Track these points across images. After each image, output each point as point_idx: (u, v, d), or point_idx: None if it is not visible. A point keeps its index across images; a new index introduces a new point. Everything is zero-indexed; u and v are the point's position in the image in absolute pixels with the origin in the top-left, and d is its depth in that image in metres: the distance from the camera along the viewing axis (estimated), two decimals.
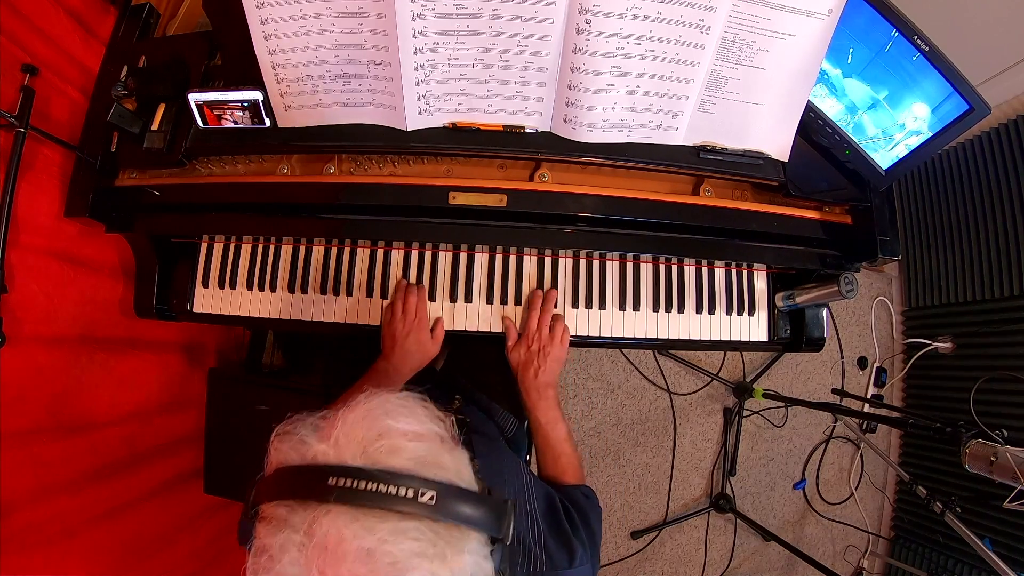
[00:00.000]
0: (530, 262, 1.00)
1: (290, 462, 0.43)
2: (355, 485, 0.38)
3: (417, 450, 0.42)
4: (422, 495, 0.39)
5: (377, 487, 0.38)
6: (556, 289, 0.98)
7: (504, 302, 0.99)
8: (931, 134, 0.84)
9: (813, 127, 0.92)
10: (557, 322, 0.93)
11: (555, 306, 0.97)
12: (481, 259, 1.00)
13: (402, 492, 0.38)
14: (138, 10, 1.02)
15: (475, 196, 0.90)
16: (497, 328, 0.98)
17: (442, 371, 1.29)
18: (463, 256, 1.00)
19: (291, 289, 1.01)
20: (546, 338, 0.92)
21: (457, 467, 0.44)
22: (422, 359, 0.92)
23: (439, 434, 0.46)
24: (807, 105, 0.86)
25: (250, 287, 1.03)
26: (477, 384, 1.09)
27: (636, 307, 1.01)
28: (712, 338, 1.03)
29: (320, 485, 0.39)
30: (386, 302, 0.98)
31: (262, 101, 0.85)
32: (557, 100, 0.84)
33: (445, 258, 1.00)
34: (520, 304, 0.99)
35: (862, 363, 2.22)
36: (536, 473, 0.93)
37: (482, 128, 0.87)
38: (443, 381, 1.14)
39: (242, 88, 0.84)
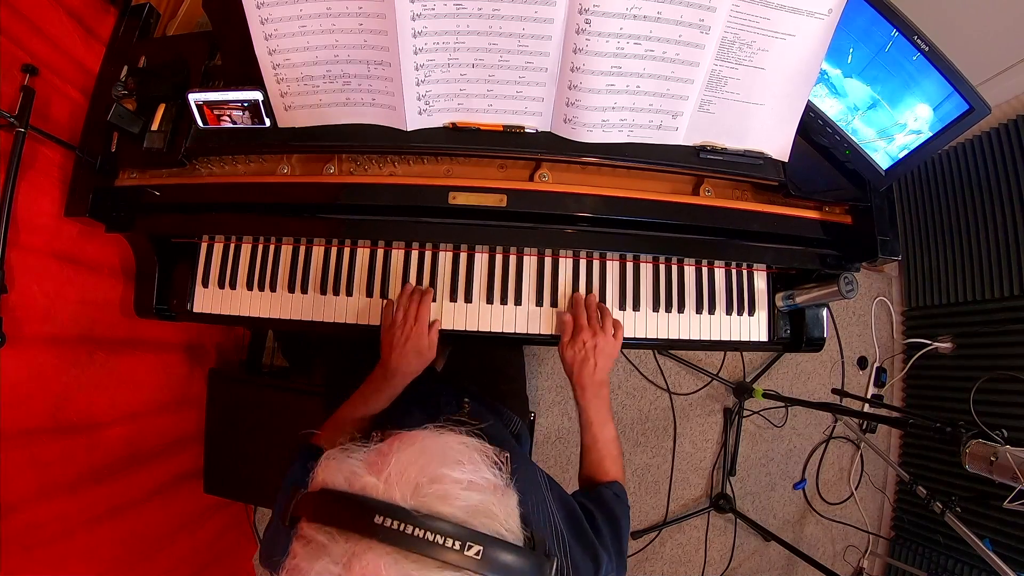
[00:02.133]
0: (530, 262, 1.00)
1: (337, 486, 0.42)
2: (401, 528, 0.38)
3: (469, 499, 0.41)
4: (468, 548, 0.38)
5: (424, 534, 0.38)
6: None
7: (504, 302, 0.99)
8: (931, 134, 0.84)
9: (813, 127, 0.92)
10: (606, 317, 0.92)
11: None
12: (481, 259, 1.00)
13: (448, 543, 0.38)
14: (138, 10, 1.02)
15: (475, 196, 0.90)
16: (497, 328, 0.98)
17: (443, 371, 1.29)
18: (463, 256, 1.00)
19: (291, 289, 1.01)
20: (600, 333, 0.90)
21: (507, 518, 0.43)
22: (419, 364, 0.91)
23: (493, 483, 0.44)
24: (807, 105, 0.86)
25: (250, 287, 1.03)
26: (479, 384, 1.09)
27: (636, 307, 1.01)
28: (712, 338, 1.02)
29: (365, 520, 0.38)
30: (385, 302, 0.98)
31: (262, 101, 0.85)
32: (557, 100, 0.84)
33: (445, 258, 1.00)
34: (520, 304, 0.99)
35: (862, 363, 2.22)
36: (578, 474, 0.91)
37: (482, 128, 0.87)
38: (445, 382, 1.14)
39: (242, 88, 0.84)
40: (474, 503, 0.42)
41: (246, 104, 0.86)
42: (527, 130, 0.87)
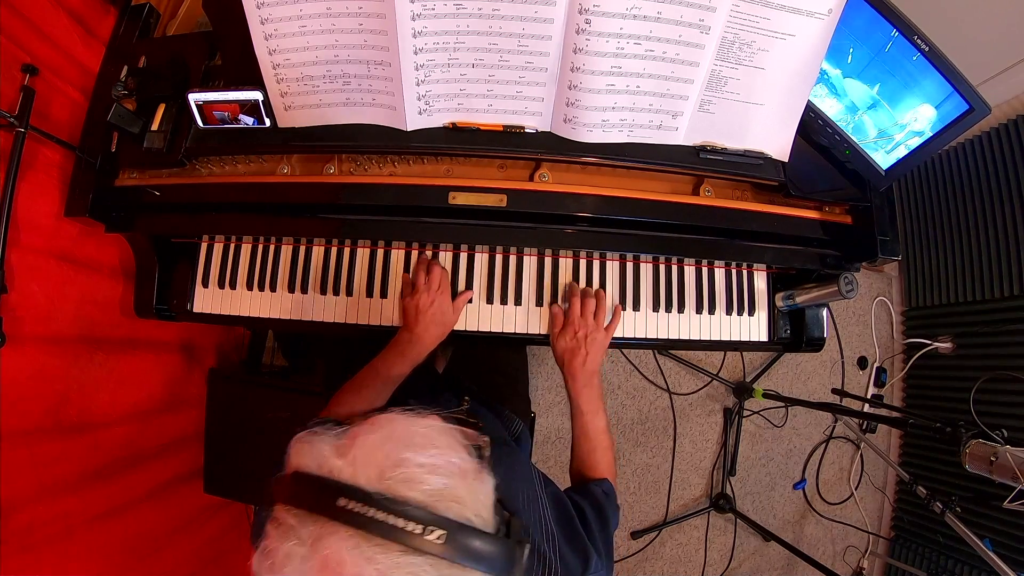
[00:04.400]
0: (530, 262, 1.00)
1: (307, 468, 0.43)
2: (363, 511, 0.38)
3: (434, 483, 0.41)
4: (430, 532, 0.38)
5: (386, 517, 0.38)
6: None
7: (504, 302, 0.99)
8: (931, 134, 0.84)
9: (813, 127, 0.92)
10: (600, 310, 0.93)
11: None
12: (481, 259, 1.00)
13: (410, 527, 0.38)
14: (138, 10, 1.02)
15: (475, 196, 0.90)
16: (497, 328, 0.98)
17: (445, 372, 1.29)
18: (463, 256, 1.00)
19: (291, 289, 1.01)
20: (591, 324, 0.91)
21: (475, 503, 0.43)
22: (444, 329, 0.92)
23: (461, 467, 0.44)
24: (807, 105, 0.86)
25: (250, 287, 1.03)
26: (480, 385, 1.09)
27: (636, 307, 1.01)
28: (712, 338, 1.02)
29: (329, 503, 0.39)
30: (403, 277, 0.98)
31: (262, 101, 0.85)
32: (557, 100, 0.84)
33: (445, 258, 1.00)
34: (520, 304, 0.99)
35: (862, 363, 2.22)
36: (569, 465, 0.92)
37: (482, 128, 0.87)
38: (446, 382, 1.14)
39: (242, 88, 0.84)
40: (439, 487, 0.41)
41: (246, 104, 0.86)
42: (527, 130, 0.87)
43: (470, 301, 0.98)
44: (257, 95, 0.85)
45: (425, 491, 0.40)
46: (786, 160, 0.91)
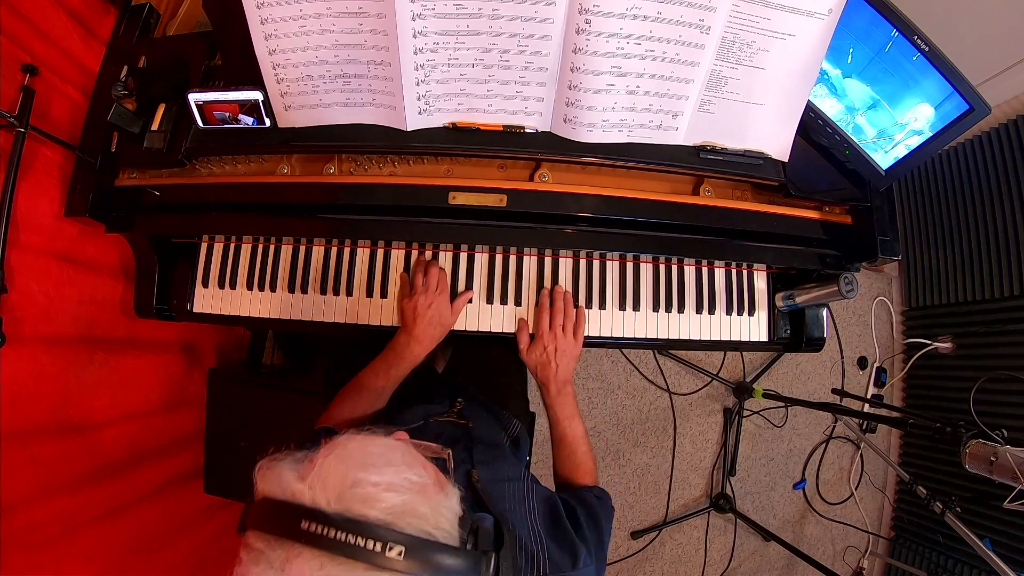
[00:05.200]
0: (530, 262, 1.00)
1: (273, 494, 0.43)
2: (324, 532, 0.39)
3: (391, 500, 0.42)
4: (389, 549, 0.39)
5: (346, 537, 0.39)
6: (561, 285, 0.98)
7: (504, 302, 0.99)
8: (931, 134, 0.84)
9: (813, 127, 0.92)
10: (568, 320, 0.94)
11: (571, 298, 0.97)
12: (481, 259, 1.00)
13: (369, 545, 0.38)
14: (138, 10, 1.02)
15: (475, 196, 0.90)
16: (497, 328, 0.98)
17: (444, 372, 1.29)
18: (463, 256, 1.00)
19: (291, 289, 1.01)
20: (561, 337, 0.92)
21: (436, 517, 0.43)
22: (442, 331, 0.92)
23: (419, 482, 0.45)
24: (807, 105, 0.86)
25: (250, 287, 1.03)
26: (480, 386, 1.09)
27: (636, 307, 1.01)
28: (712, 338, 1.02)
29: (294, 526, 0.40)
30: (401, 274, 0.99)
31: (262, 101, 0.85)
32: (557, 100, 0.84)
33: (445, 258, 1.00)
34: (520, 304, 0.99)
35: (862, 363, 2.22)
36: (552, 471, 0.93)
37: (482, 128, 0.87)
38: (445, 383, 1.13)
39: (242, 88, 0.84)
40: (397, 504, 0.42)
41: (246, 104, 0.86)
42: (527, 130, 0.87)
43: (470, 301, 0.98)
44: (257, 95, 0.85)
45: (383, 508, 0.41)
46: (786, 160, 0.91)
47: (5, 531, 0.83)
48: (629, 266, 1.01)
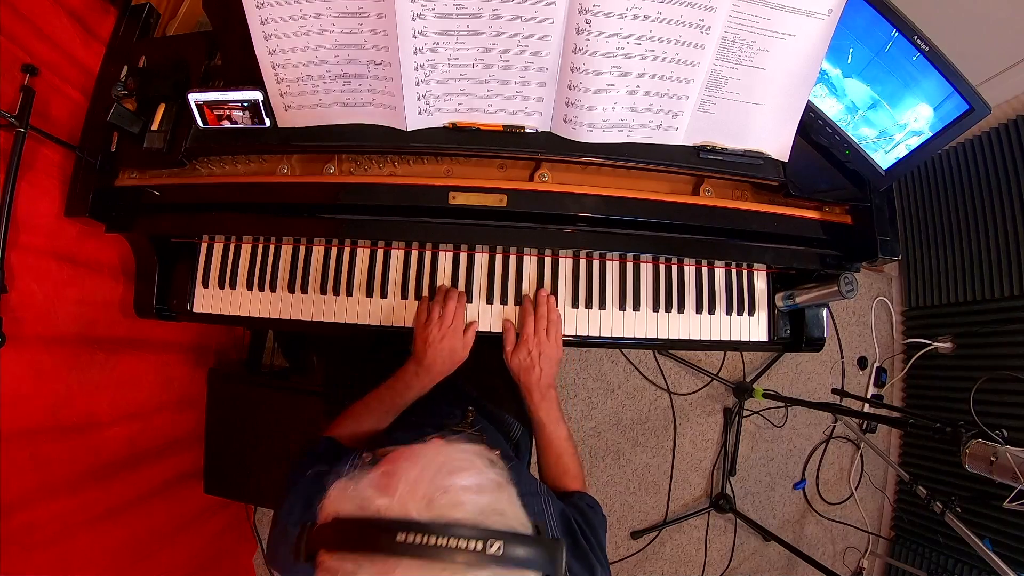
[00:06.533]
0: (530, 262, 1.00)
1: (347, 513, 0.44)
2: (424, 540, 0.39)
3: (479, 502, 0.44)
4: (490, 546, 0.40)
5: (446, 542, 0.40)
6: (545, 288, 0.98)
7: (504, 302, 0.99)
8: (931, 134, 0.84)
9: (813, 127, 0.92)
10: (552, 325, 0.94)
11: (555, 303, 0.97)
12: (481, 259, 1.00)
13: (471, 546, 0.40)
14: (138, 10, 1.02)
15: (475, 196, 0.90)
16: (497, 328, 0.98)
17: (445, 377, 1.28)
18: (463, 256, 1.00)
19: (291, 289, 1.01)
20: (545, 341, 0.92)
21: (516, 513, 0.46)
22: (452, 364, 0.92)
23: (497, 481, 0.47)
24: (807, 105, 0.86)
25: (250, 287, 1.03)
26: (480, 388, 1.09)
27: (636, 307, 1.01)
28: (712, 338, 1.02)
29: (389, 540, 0.40)
30: (420, 301, 0.98)
31: (262, 101, 0.85)
32: (557, 100, 0.84)
33: (445, 258, 1.00)
34: (520, 304, 0.99)
35: (862, 363, 2.22)
36: (538, 476, 0.94)
37: (482, 128, 0.87)
38: (447, 387, 1.13)
39: (242, 88, 0.84)
40: (484, 504, 0.44)
41: (246, 104, 0.86)
42: (527, 130, 0.87)
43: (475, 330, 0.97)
44: (257, 95, 0.85)
45: (473, 511, 0.43)
46: (786, 160, 0.91)
47: (5, 531, 0.84)
48: (629, 266, 1.01)
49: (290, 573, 0.62)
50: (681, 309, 1.02)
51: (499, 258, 1.00)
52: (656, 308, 1.01)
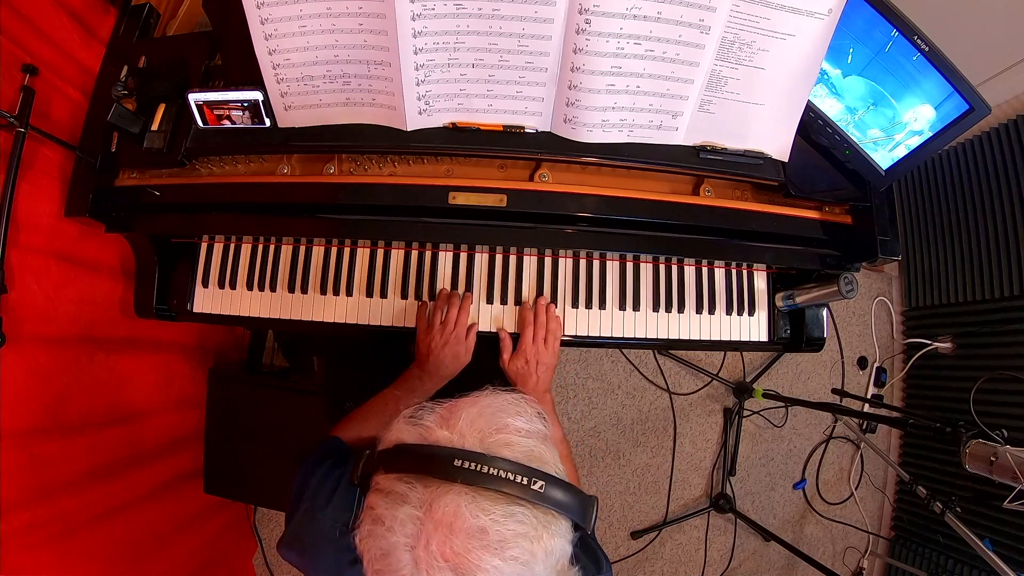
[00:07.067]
0: (530, 262, 1.00)
1: (408, 440, 0.48)
2: (479, 468, 0.43)
3: (527, 445, 0.48)
4: (534, 483, 0.44)
5: (498, 472, 0.43)
6: (545, 296, 0.99)
7: (504, 302, 0.99)
8: (931, 134, 0.84)
9: (813, 127, 0.92)
10: (550, 335, 0.94)
11: (555, 311, 0.97)
12: (481, 259, 1.00)
13: (518, 479, 0.44)
14: (138, 10, 1.02)
15: (475, 196, 0.90)
16: (497, 328, 0.98)
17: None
18: (463, 256, 1.00)
19: (291, 289, 1.01)
20: (543, 350, 0.93)
21: (555, 462, 0.49)
22: (455, 368, 0.92)
23: (544, 432, 0.51)
24: (807, 105, 0.86)
25: (250, 287, 1.03)
26: (479, 388, 1.09)
27: (636, 307, 1.01)
28: (712, 338, 1.02)
29: (446, 465, 0.44)
30: (420, 304, 0.98)
31: (262, 101, 0.85)
32: (557, 100, 0.84)
33: (445, 258, 1.00)
34: (520, 305, 0.99)
35: (862, 363, 2.22)
36: None
37: (482, 128, 0.87)
38: (448, 390, 1.13)
39: (242, 88, 0.84)
40: (530, 448, 0.48)
41: (246, 104, 0.86)
42: (527, 130, 0.87)
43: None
44: (257, 95, 0.85)
45: (521, 452, 0.47)
46: (786, 160, 0.91)
47: (5, 531, 0.84)
48: (629, 266, 1.01)
49: (312, 554, 0.63)
50: (681, 309, 1.02)
51: (499, 258, 1.00)
52: (656, 308, 1.01)
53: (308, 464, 0.73)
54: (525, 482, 0.44)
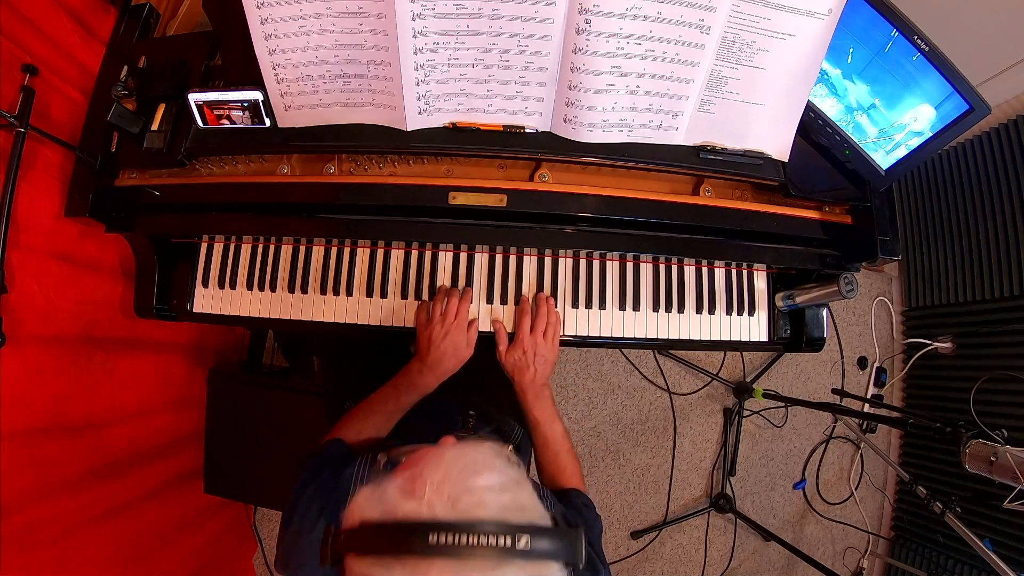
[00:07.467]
0: (530, 262, 1.00)
1: (373, 517, 0.45)
2: (455, 540, 0.41)
3: (502, 500, 0.45)
4: (519, 541, 0.42)
5: (476, 539, 0.41)
6: (545, 291, 0.98)
7: (504, 302, 0.99)
8: (931, 134, 0.84)
9: (813, 127, 0.92)
10: (550, 327, 0.94)
11: (555, 304, 0.97)
12: (481, 259, 1.00)
13: (500, 542, 0.41)
14: (138, 10, 1.02)
15: (475, 196, 0.90)
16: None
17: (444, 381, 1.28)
18: (463, 256, 1.00)
19: (291, 289, 1.01)
20: (541, 342, 0.92)
21: (535, 506, 0.47)
22: (456, 363, 0.91)
23: (515, 478, 0.48)
24: (807, 105, 0.86)
25: (250, 287, 1.03)
26: (479, 388, 1.09)
27: (636, 307, 1.01)
28: (712, 338, 1.02)
29: (420, 541, 0.41)
30: (420, 302, 0.97)
31: (262, 101, 0.85)
32: (557, 100, 0.84)
33: (445, 258, 1.00)
34: (520, 304, 0.99)
35: (862, 363, 2.22)
36: (537, 476, 0.94)
37: (482, 128, 0.87)
38: (447, 391, 1.13)
39: (242, 88, 0.84)
40: (506, 502, 0.45)
41: (246, 104, 0.86)
42: (527, 130, 0.87)
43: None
44: (257, 95, 0.85)
45: (497, 508, 0.44)
46: (786, 160, 0.91)
47: (5, 531, 0.84)
48: (629, 266, 1.01)
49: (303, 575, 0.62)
50: (681, 309, 1.02)
51: (499, 258, 1.00)
52: (656, 308, 1.01)
53: (308, 470, 0.72)
54: (509, 543, 0.42)
